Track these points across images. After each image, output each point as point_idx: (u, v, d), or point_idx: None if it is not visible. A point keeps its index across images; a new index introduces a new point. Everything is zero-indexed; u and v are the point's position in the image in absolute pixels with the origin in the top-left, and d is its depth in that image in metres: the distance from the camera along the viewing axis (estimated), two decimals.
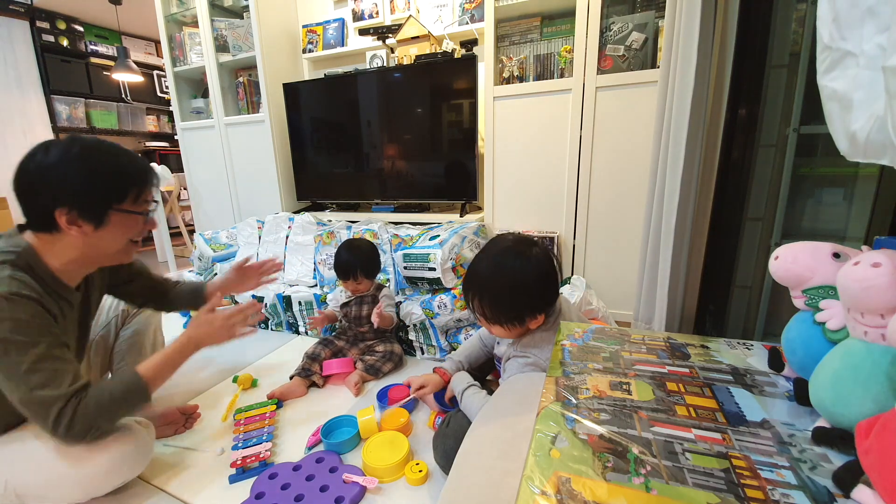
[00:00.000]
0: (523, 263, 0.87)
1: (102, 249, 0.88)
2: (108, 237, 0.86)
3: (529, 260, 0.88)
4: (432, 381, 1.15)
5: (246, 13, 2.35)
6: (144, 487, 0.97)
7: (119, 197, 0.84)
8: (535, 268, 0.87)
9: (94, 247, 0.86)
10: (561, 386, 0.62)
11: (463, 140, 1.94)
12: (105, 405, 0.82)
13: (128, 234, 0.89)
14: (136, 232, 0.90)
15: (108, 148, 0.85)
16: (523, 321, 0.89)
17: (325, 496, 0.89)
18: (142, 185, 0.88)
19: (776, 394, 0.59)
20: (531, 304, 0.88)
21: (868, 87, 0.47)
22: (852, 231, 1.21)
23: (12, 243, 0.82)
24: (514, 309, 0.88)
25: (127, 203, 0.85)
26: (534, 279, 0.87)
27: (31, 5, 3.45)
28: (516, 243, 0.91)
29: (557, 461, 0.46)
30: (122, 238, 0.88)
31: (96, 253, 0.88)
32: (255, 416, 1.18)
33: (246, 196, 2.58)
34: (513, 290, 0.87)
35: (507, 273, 0.87)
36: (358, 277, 1.44)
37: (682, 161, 1.22)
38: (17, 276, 0.77)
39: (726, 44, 1.24)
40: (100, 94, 3.96)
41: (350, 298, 1.49)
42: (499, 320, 0.90)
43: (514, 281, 0.87)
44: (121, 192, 0.84)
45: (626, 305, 1.66)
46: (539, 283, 0.88)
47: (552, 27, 1.79)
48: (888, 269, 0.45)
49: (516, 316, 0.89)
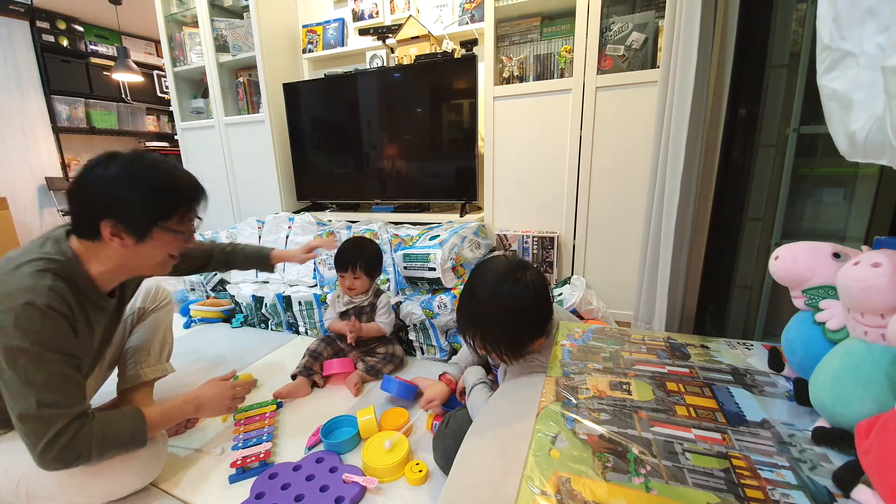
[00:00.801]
0: (520, 291, 0.82)
1: (140, 262, 0.88)
2: (148, 251, 0.86)
3: (527, 287, 0.83)
4: (440, 394, 1.14)
5: (246, 13, 2.35)
6: (145, 487, 0.97)
7: (166, 215, 0.84)
8: (534, 295, 0.83)
9: (133, 259, 0.86)
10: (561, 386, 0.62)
11: (463, 140, 1.94)
12: (109, 438, 0.81)
13: (168, 250, 0.89)
14: (176, 249, 0.91)
15: (166, 166, 0.85)
16: (527, 348, 0.86)
17: (325, 496, 0.89)
18: (190, 205, 0.88)
19: (776, 394, 0.59)
20: (533, 333, 0.85)
21: (868, 87, 0.47)
22: (852, 231, 1.21)
23: (59, 250, 0.82)
24: (519, 344, 0.84)
25: (172, 222, 0.86)
26: (533, 307, 0.84)
27: (31, 5, 3.45)
28: (508, 270, 0.85)
29: (557, 461, 0.46)
30: (161, 253, 0.89)
31: (134, 265, 0.88)
32: (255, 416, 1.18)
33: (246, 196, 2.58)
34: (514, 327, 0.83)
35: (505, 306, 0.82)
36: (357, 271, 1.41)
37: (682, 161, 1.22)
38: (56, 286, 0.77)
39: (726, 44, 1.24)
40: (100, 94, 3.96)
41: (347, 307, 1.45)
42: (503, 354, 0.85)
43: (514, 316, 0.82)
44: (168, 210, 0.85)
45: (626, 305, 1.66)
46: (539, 310, 0.85)
47: (552, 27, 1.79)
48: (888, 269, 0.45)
49: (520, 346, 0.85)
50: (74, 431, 0.77)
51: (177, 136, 2.75)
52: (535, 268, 0.89)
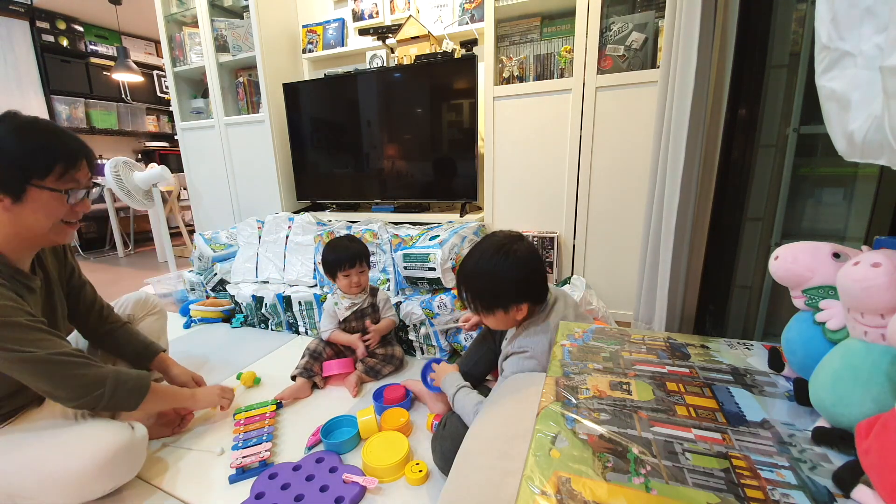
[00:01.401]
0: (504, 257, 0.92)
1: (31, 227, 0.86)
2: (31, 214, 0.84)
3: (510, 254, 0.92)
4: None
5: (246, 13, 2.35)
6: (144, 487, 0.97)
7: (40, 174, 0.83)
8: (515, 261, 0.92)
9: (20, 223, 0.85)
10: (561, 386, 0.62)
11: (463, 140, 1.94)
12: (122, 380, 0.90)
13: (52, 214, 0.87)
14: (61, 212, 0.88)
15: (41, 125, 0.85)
16: (507, 310, 0.93)
17: (325, 496, 0.89)
18: (68, 163, 0.86)
19: (776, 394, 0.59)
20: (511, 294, 0.92)
21: (866, 87, 0.47)
22: (852, 231, 1.21)
23: None
24: (495, 298, 0.93)
25: (49, 180, 0.84)
26: (513, 271, 0.91)
27: (31, 5, 3.45)
28: (503, 239, 0.96)
29: (557, 461, 0.46)
30: (45, 216, 0.86)
31: (26, 231, 0.87)
32: (255, 417, 1.18)
33: (246, 196, 2.58)
34: (493, 282, 0.92)
35: (488, 266, 0.93)
36: (363, 263, 1.42)
37: (682, 161, 1.22)
38: None
39: (726, 44, 1.24)
40: (100, 94, 3.97)
41: (350, 311, 1.44)
42: (485, 309, 0.96)
43: (495, 274, 0.92)
44: (43, 168, 0.83)
45: (626, 305, 1.66)
46: (518, 274, 0.92)
47: (552, 27, 1.79)
48: (888, 269, 0.45)
49: (499, 304, 0.93)
50: (91, 366, 0.86)
51: (177, 136, 2.75)
52: (530, 243, 0.97)
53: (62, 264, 1.08)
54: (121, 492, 0.94)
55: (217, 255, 2.12)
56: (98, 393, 0.86)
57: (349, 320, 1.44)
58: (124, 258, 3.69)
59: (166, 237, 2.76)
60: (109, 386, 0.87)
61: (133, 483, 0.96)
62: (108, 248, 4.02)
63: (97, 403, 0.86)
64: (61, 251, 1.08)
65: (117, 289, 2.69)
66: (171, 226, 3.38)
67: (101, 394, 0.86)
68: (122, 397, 0.90)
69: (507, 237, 0.96)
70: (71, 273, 1.10)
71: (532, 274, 0.94)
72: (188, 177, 2.78)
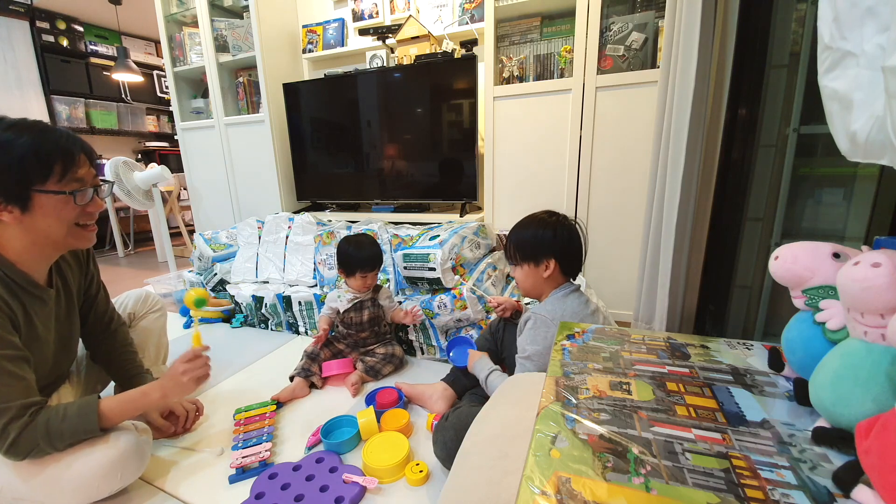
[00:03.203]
0: (555, 218, 1.07)
1: (46, 234, 0.84)
2: (42, 221, 0.82)
3: (560, 220, 1.06)
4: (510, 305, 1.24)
5: (246, 13, 2.35)
6: (145, 488, 0.97)
7: (40, 178, 0.80)
8: (561, 226, 1.05)
9: (35, 232, 0.83)
10: (561, 386, 0.62)
11: (463, 140, 1.94)
12: (54, 430, 0.80)
13: (64, 218, 0.84)
14: (72, 214, 0.85)
15: (28, 126, 0.80)
16: (538, 263, 1.04)
17: (325, 496, 0.89)
18: (66, 162, 0.82)
19: (776, 394, 0.59)
20: (546, 250, 1.04)
21: (868, 87, 0.47)
22: (852, 231, 1.21)
23: None
24: (532, 249, 1.05)
25: (50, 183, 0.81)
26: (554, 231, 1.04)
27: (31, 5, 3.45)
28: (558, 213, 1.09)
29: (557, 461, 0.46)
30: (57, 222, 0.83)
31: (42, 240, 0.85)
32: (255, 417, 1.18)
33: (246, 196, 2.58)
34: (536, 235, 1.05)
35: (538, 221, 1.07)
36: (378, 268, 1.45)
37: (683, 161, 1.22)
38: None
39: (726, 44, 1.24)
40: (100, 94, 3.97)
41: (351, 303, 1.45)
42: (521, 259, 1.07)
43: (540, 228, 1.05)
44: (40, 173, 0.80)
45: (626, 305, 1.66)
46: (559, 234, 1.04)
47: (552, 27, 1.79)
48: (888, 269, 0.45)
49: (533, 257, 1.05)
50: (22, 424, 0.77)
51: (177, 136, 2.75)
52: (571, 224, 1.07)
53: (83, 272, 1.04)
54: (120, 491, 0.94)
55: (217, 255, 2.12)
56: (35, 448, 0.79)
57: (348, 311, 1.45)
58: (124, 258, 3.69)
59: (166, 237, 2.76)
60: (41, 433, 0.79)
61: (133, 483, 0.96)
62: (108, 248, 4.02)
63: (42, 453, 0.81)
64: (84, 257, 1.04)
65: (117, 289, 2.67)
66: (171, 226, 3.38)
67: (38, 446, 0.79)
68: (71, 436, 0.83)
69: (562, 214, 1.09)
70: (91, 282, 1.07)
71: (569, 239, 1.05)
72: (188, 177, 2.78)
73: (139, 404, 0.93)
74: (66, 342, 0.99)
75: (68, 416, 0.83)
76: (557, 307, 1.01)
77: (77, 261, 1.03)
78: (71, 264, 1.00)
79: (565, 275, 1.07)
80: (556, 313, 0.99)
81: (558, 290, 1.05)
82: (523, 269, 1.07)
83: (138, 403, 0.93)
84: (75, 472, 0.83)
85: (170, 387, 0.96)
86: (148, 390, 0.94)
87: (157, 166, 2.55)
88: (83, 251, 1.04)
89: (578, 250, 1.07)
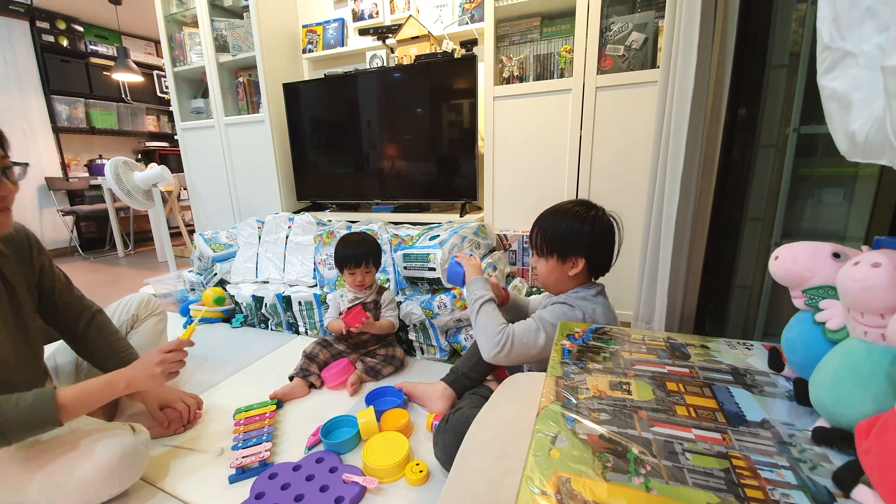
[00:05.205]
0: (593, 212, 0.99)
1: None
2: None
3: (597, 215, 0.99)
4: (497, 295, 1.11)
5: (246, 13, 2.35)
6: (145, 488, 0.97)
7: None
8: (598, 221, 0.98)
9: None
10: (561, 386, 0.62)
11: (463, 140, 1.94)
12: (5, 417, 0.76)
13: None
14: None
15: None
16: (565, 259, 0.99)
17: (325, 496, 0.89)
18: None
19: (776, 394, 0.59)
20: (578, 247, 0.98)
21: (867, 87, 0.47)
22: (852, 231, 1.21)
23: None
24: (562, 244, 0.99)
25: None
26: (590, 226, 0.97)
27: (31, 5, 3.45)
28: (595, 205, 1.03)
29: (557, 461, 0.46)
30: None
31: None
32: (255, 417, 1.18)
33: (246, 196, 2.58)
34: (569, 228, 0.98)
35: (572, 214, 1.00)
36: (369, 265, 1.43)
37: (682, 161, 1.22)
38: None
39: (726, 44, 1.24)
40: (100, 94, 3.97)
41: (352, 304, 1.44)
42: (548, 251, 1.01)
43: (575, 222, 0.98)
44: None
45: (626, 305, 1.66)
46: (594, 229, 0.97)
47: (552, 27, 1.79)
48: (888, 269, 0.45)
49: (562, 251, 0.99)
50: None
51: (177, 136, 2.75)
52: (609, 221, 1.01)
53: (28, 265, 0.95)
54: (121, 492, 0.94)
55: (217, 255, 2.12)
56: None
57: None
58: (124, 258, 3.69)
59: (166, 237, 2.76)
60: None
61: (133, 484, 0.96)
62: (108, 248, 4.02)
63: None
64: (26, 249, 0.95)
65: (117, 289, 2.69)
66: (171, 226, 3.38)
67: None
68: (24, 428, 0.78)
69: (600, 208, 1.02)
70: (41, 273, 0.99)
71: (604, 239, 0.98)
72: (188, 177, 2.78)
73: (103, 394, 0.88)
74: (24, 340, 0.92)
75: (20, 405, 0.77)
76: (587, 306, 0.96)
77: (17, 254, 0.93)
78: (9, 257, 0.91)
79: (590, 274, 1.02)
80: (586, 310, 0.95)
81: (582, 289, 0.99)
82: (548, 262, 1.01)
83: (102, 394, 0.88)
84: (75, 475, 0.83)
85: (138, 377, 0.91)
86: (112, 380, 0.89)
87: (157, 166, 2.55)
88: (24, 242, 0.95)
89: (611, 252, 1.01)
